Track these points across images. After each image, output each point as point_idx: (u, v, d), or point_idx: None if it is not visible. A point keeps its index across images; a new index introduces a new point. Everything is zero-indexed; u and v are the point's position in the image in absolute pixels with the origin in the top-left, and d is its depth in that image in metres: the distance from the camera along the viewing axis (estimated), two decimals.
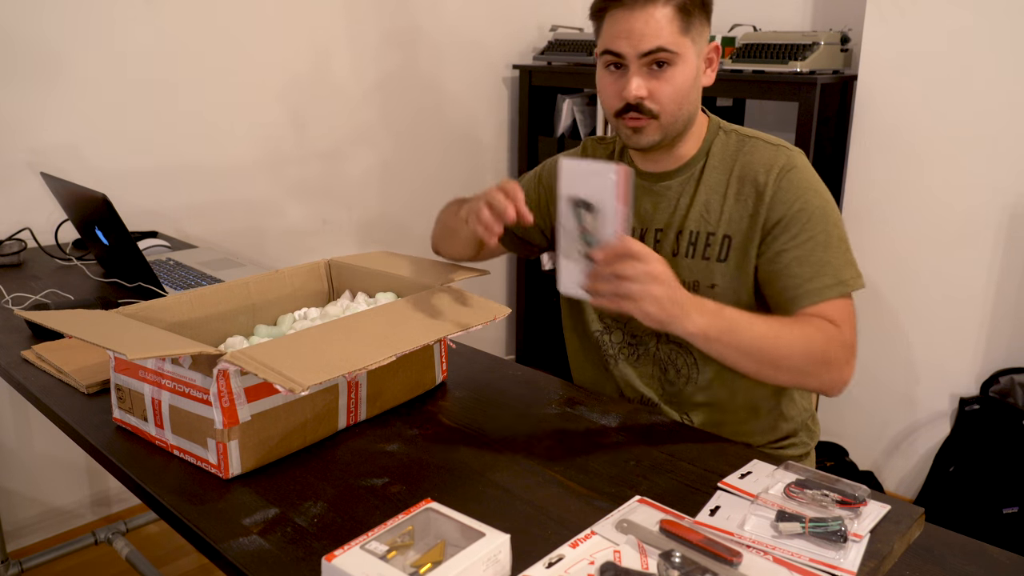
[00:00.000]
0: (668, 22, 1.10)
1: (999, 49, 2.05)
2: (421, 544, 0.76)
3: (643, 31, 1.10)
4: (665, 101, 1.13)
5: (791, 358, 1.05)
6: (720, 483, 0.92)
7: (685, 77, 1.13)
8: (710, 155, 1.21)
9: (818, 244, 1.13)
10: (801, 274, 1.12)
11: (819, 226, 1.13)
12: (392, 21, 2.63)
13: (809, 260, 1.13)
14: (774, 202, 1.15)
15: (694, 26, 1.13)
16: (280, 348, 0.92)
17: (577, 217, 0.96)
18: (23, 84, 1.94)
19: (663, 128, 1.16)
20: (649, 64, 1.12)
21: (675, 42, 1.11)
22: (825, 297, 1.11)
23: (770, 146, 1.19)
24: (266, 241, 2.46)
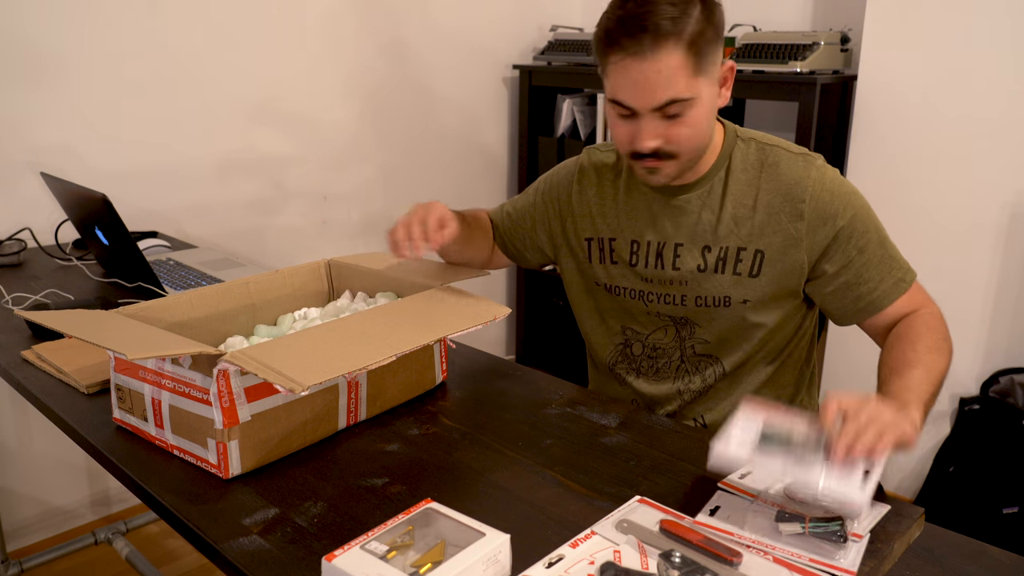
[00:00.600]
0: (679, 69, 1.01)
1: (999, 49, 2.05)
2: (421, 544, 0.76)
3: (654, 83, 1.02)
4: (683, 142, 1.08)
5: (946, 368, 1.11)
6: (720, 483, 0.92)
7: (701, 116, 1.07)
8: (731, 166, 1.17)
9: (875, 243, 1.15)
10: (872, 278, 1.15)
11: (869, 224, 1.15)
12: (392, 21, 2.63)
13: (872, 263, 1.15)
14: (820, 220, 1.13)
15: (707, 60, 1.04)
16: (280, 348, 0.92)
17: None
18: (23, 84, 1.94)
19: (681, 165, 1.11)
20: (662, 116, 1.06)
21: (689, 88, 1.03)
22: (901, 291, 1.16)
23: (795, 156, 1.16)
24: (266, 241, 2.46)
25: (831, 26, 2.52)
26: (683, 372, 1.26)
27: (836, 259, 1.15)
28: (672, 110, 1.04)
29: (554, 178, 1.34)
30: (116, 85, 2.08)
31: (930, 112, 2.18)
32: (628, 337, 1.29)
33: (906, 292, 1.16)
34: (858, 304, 1.17)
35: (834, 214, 1.13)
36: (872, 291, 1.15)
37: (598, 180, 1.27)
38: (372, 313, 1.06)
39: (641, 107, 1.05)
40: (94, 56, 2.03)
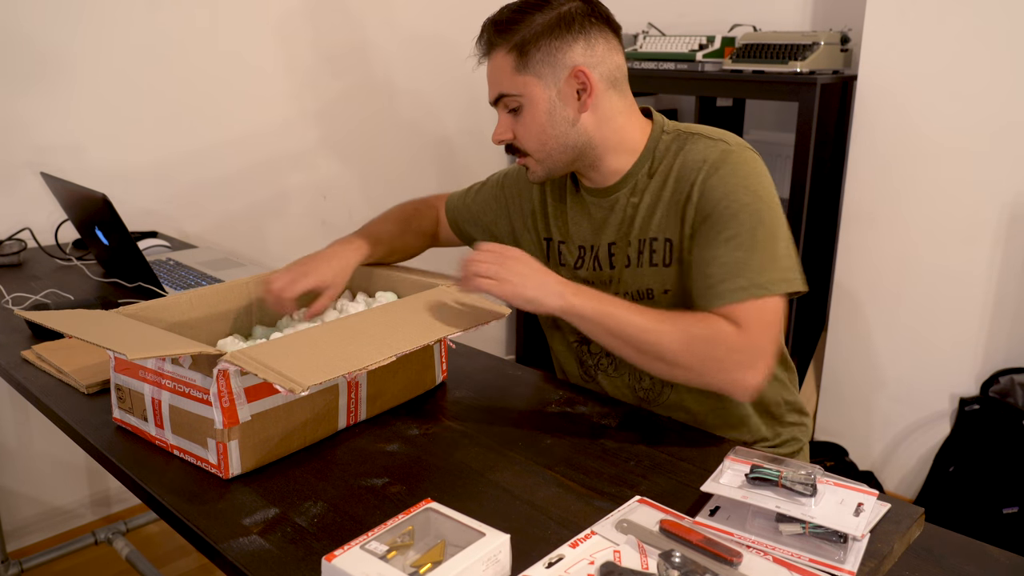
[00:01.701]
0: (504, 67, 1.13)
1: (999, 49, 2.05)
2: (421, 544, 0.76)
3: (490, 81, 1.17)
4: (524, 140, 1.16)
5: (669, 351, 1.03)
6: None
7: (536, 114, 1.13)
8: (654, 159, 1.18)
9: (739, 244, 1.07)
10: (714, 275, 1.07)
11: (744, 224, 1.07)
12: (392, 21, 2.63)
13: (725, 260, 1.07)
14: (701, 200, 1.10)
15: (535, 61, 1.11)
16: (280, 348, 0.92)
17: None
18: (23, 84, 1.94)
19: (541, 163, 1.18)
20: (505, 110, 1.17)
21: (512, 85, 1.13)
22: (734, 299, 1.05)
23: (709, 141, 1.13)
24: (266, 241, 2.46)
25: (831, 26, 2.52)
26: (634, 368, 1.24)
27: (696, 243, 1.11)
28: (507, 104, 1.15)
29: (518, 173, 1.36)
30: (116, 85, 2.08)
31: (930, 112, 2.18)
32: (581, 336, 1.28)
33: (738, 303, 1.05)
34: (698, 295, 1.10)
35: (714, 198, 1.09)
36: (709, 288, 1.08)
37: (552, 184, 1.30)
38: (372, 313, 1.06)
39: (490, 103, 1.19)
40: (94, 56, 2.03)
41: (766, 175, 1.12)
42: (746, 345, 1.03)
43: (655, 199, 1.16)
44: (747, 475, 0.86)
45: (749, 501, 0.83)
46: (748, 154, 1.12)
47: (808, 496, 0.82)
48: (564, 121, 1.14)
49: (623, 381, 1.26)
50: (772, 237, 1.08)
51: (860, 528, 0.79)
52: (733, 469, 0.89)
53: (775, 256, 1.07)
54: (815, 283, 2.52)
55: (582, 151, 1.16)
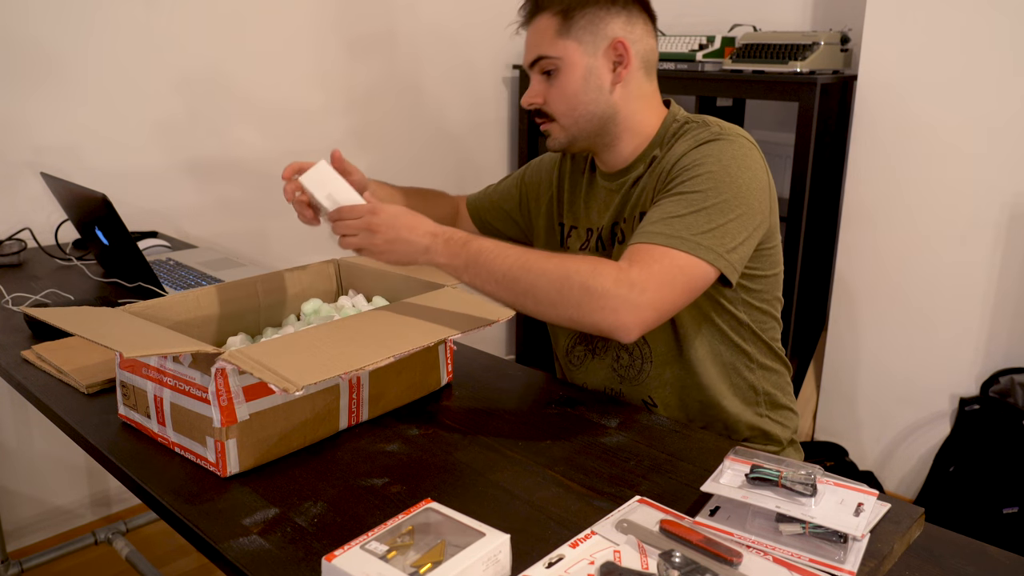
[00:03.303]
0: (546, 30, 1.16)
1: (999, 49, 2.05)
2: (421, 544, 0.76)
3: (529, 44, 1.20)
4: (554, 104, 1.19)
5: (545, 288, 1.00)
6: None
7: (571, 79, 1.16)
8: (663, 147, 1.20)
9: (686, 202, 1.05)
10: (649, 220, 1.06)
11: (700, 187, 1.06)
12: (392, 21, 2.63)
13: (664, 210, 1.05)
14: (675, 165, 1.12)
15: (578, 27, 1.15)
16: (278, 348, 0.92)
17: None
18: (23, 84, 1.94)
19: (564, 129, 1.20)
20: (541, 73, 1.19)
21: (553, 47, 1.16)
22: (649, 241, 1.02)
23: (707, 127, 1.16)
24: (267, 241, 2.46)
25: (831, 26, 2.52)
26: (612, 347, 1.26)
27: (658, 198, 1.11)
28: (543, 67, 1.18)
29: (540, 163, 1.43)
30: (116, 85, 2.08)
31: (930, 112, 2.18)
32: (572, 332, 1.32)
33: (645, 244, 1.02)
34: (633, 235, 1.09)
35: (684, 162, 1.10)
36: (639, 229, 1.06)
37: (572, 172, 1.35)
38: (373, 314, 1.06)
39: (526, 67, 1.22)
40: (94, 56, 2.03)
41: (754, 166, 1.10)
42: (629, 279, 0.99)
43: (655, 180, 1.18)
44: (747, 475, 0.86)
45: (749, 501, 0.83)
46: (741, 141, 1.12)
47: (808, 496, 0.82)
48: (597, 89, 1.17)
49: (605, 362, 1.28)
50: (721, 211, 1.04)
51: (860, 528, 0.79)
52: (733, 469, 0.88)
53: (712, 226, 1.04)
54: (815, 283, 2.52)
55: (606, 124, 1.19)
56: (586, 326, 1.02)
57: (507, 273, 1.03)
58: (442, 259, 1.06)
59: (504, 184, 1.48)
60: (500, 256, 1.04)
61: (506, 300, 1.06)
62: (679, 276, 1.02)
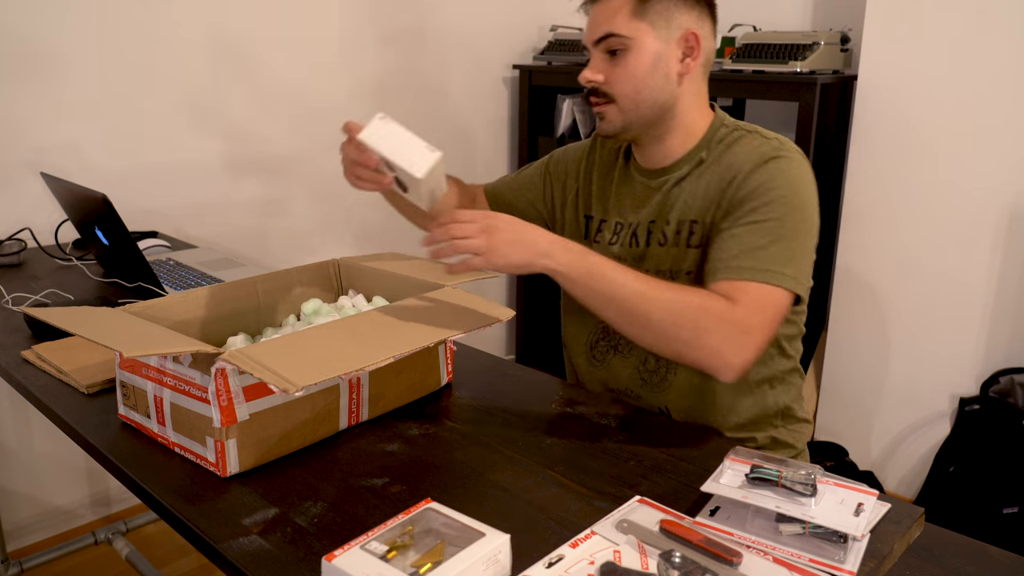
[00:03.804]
0: (619, 8, 1.14)
1: (999, 49, 2.05)
2: (421, 544, 0.75)
3: (598, 20, 1.16)
4: (617, 84, 1.16)
5: (658, 319, 1.02)
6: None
7: (640, 61, 1.14)
8: (709, 150, 1.20)
9: (763, 230, 1.07)
10: (730, 249, 1.08)
11: (774, 213, 1.08)
12: (392, 21, 2.63)
13: (745, 240, 1.08)
14: (742, 184, 1.12)
15: (653, 11, 1.13)
16: (278, 348, 0.92)
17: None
18: (23, 84, 1.94)
19: (623, 113, 1.17)
20: (605, 52, 1.16)
21: (626, 27, 1.13)
22: (740, 276, 1.05)
23: (765, 139, 1.17)
24: (267, 241, 2.46)
25: (831, 26, 2.52)
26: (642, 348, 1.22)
27: (723, 222, 1.12)
28: (610, 45, 1.15)
29: (565, 153, 1.40)
30: (116, 85, 2.08)
31: (930, 112, 2.18)
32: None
33: (742, 281, 1.05)
34: (707, 267, 1.11)
35: (755, 184, 1.10)
36: (719, 260, 1.08)
37: (601, 163, 1.33)
38: (373, 314, 1.06)
39: (588, 41, 1.18)
40: (94, 56, 2.03)
41: (811, 184, 1.13)
42: (736, 320, 1.02)
43: (703, 185, 1.18)
44: (747, 475, 0.86)
45: (749, 501, 0.83)
46: (799, 158, 1.14)
47: (808, 496, 0.82)
48: (664, 77, 1.16)
49: (631, 362, 1.26)
50: (795, 235, 1.09)
51: (860, 528, 0.79)
52: (733, 469, 0.88)
53: (792, 254, 1.08)
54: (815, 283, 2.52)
55: (663, 115, 1.18)
56: (688, 360, 1.06)
57: (624, 297, 1.02)
58: (559, 265, 1.03)
59: (526, 173, 1.45)
60: (619, 276, 1.03)
61: (614, 320, 1.05)
62: (774, 312, 1.07)
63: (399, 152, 1.03)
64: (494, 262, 1.02)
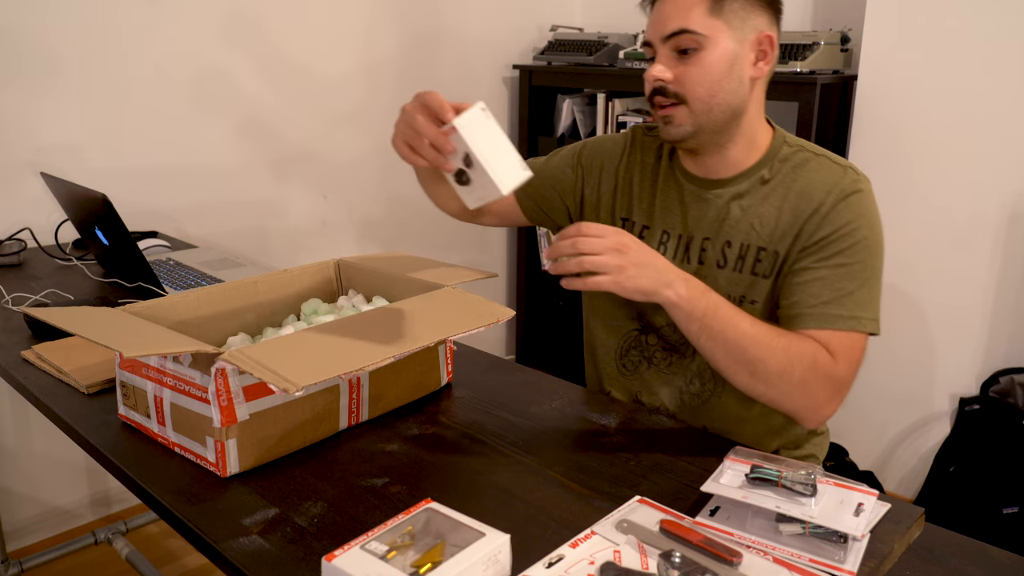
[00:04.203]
0: (695, 3, 1.07)
1: (999, 49, 2.05)
2: (421, 544, 0.76)
3: (670, 14, 1.08)
4: (691, 84, 1.08)
5: (767, 367, 1.02)
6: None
7: (715, 61, 1.07)
8: (770, 168, 1.15)
9: (850, 274, 1.07)
10: (819, 294, 1.07)
11: (859, 256, 1.08)
12: (392, 21, 2.63)
13: (834, 284, 1.07)
14: (825, 221, 1.09)
15: (730, 10, 1.07)
16: (278, 348, 0.92)
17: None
18: (24, 84, 1.94)
19: (694, 116, 1.10)
20: (675, 49, 1.08)
21: (701, 24, 1.06)
22: (833, 326, 1.06)
23: (837, 166, 1.13)
24: (267, 241, 2.46)
25: (831, 26, 2.52)
26: (690, 371, 1.21)
27: (805, 260, 1.10)
28: (683, 42, 1.07)
29: (599, 146, 1.31)
30: (116, 85, 2.08)
31: (930, 112, 2.18)
32: (645, 324, 1.25)
33: (836, 331, 1.06)
34: (792, 310, 1.09)
35: (838, 221, 1.08)
36: (809, 305, 1.07)
37: (642, 163, 1.26)
38: (373, 314, 1.06)
39: (656, 36, 1.10)
40: (94, 56, 2.03)
41: (878, 212, 1.13)
42: (837, 376, 1.05)
43: (775, 210, 1.13)
44: (747, 475, 0.86)
45: (749, 501, 0.83)
46: (870, 189, 1.12)
47: (808, 496, 0.82)
48: (739, 80, 1.10)
49: (673, 382, 1.23)
50: (876, 277, 1.09)
51: (860, 528, 0.79)
52: (733, 469, 0.88)
53: (873, 296, 1.09)
54: None
55: (733, 121, 1.12)
56: (781, 406, 1.06)
57: (738, 339, 1.01)
58: (681, 298, 0.99)
59: (555, 162, 1.34)
60: (735, 317, 1.01)
61: (721, 360, 1.04)
62: (861, 359, 1.09)
63: (492, 157, 0.90)
64: (623, 284, 0.98)
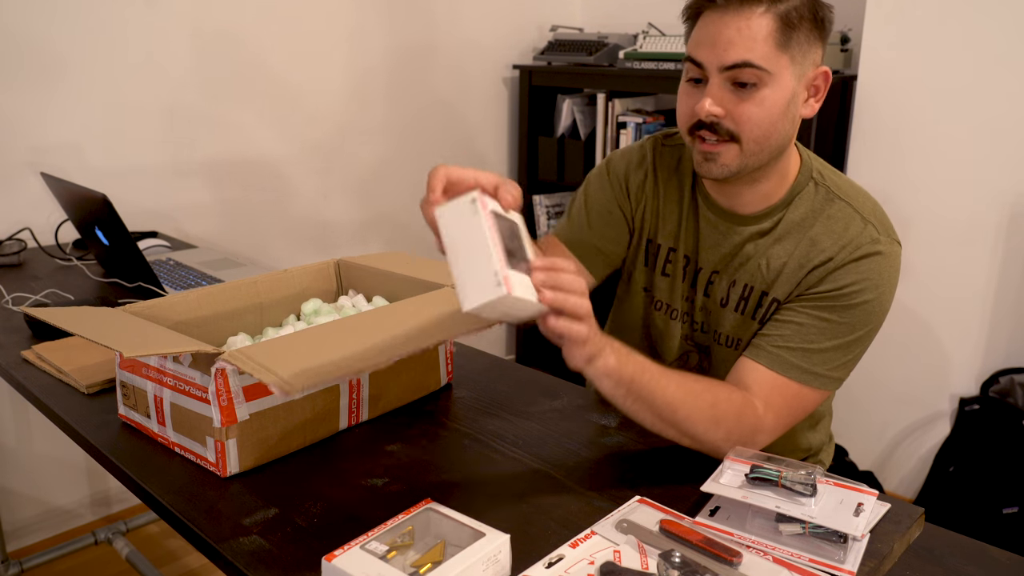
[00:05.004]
0: (764, 34, 0.94)
1: (999, 49, 2.05)
2: (421, 544, 0.76)
3: (731, 40, 0.95)
4: (748, 124, 0.97)
5: (694, 424, 0.94)
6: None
7: (776, 101, 0.97)
8: (791, 207, 1.06)
9: (831, 331, 1.01)
10: (788, 337, 1.01)
11: (850, 318, 1.01)
12: (392, 21, 2.63)
13: (808, 335, 1.01)
14: (829, 277, 1.02)
15: (796, 43, 0.96)
16: (278, 348, 0.92)
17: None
18: (24, 84, 1.94)
19: (743, 157, 1.00)
20: (732, 80, 0.97)
21: (767, 58, 0.95)
22: (785, 373, 1.00)
23: (858, 218, 1.04)
24: (266, 241, 2.46)
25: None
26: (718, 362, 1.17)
27: (795, 302, 1.04)
28: (744, 76, 0.95)
29: (623, 164, 1.21)
30: (116, 85, 2.08)
31: (930, 112, 2.18)
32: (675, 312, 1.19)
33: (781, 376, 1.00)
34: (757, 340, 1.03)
35: (844, 280, 1.01)
36: (769, 342, 1.01)
37: (666, 183, 1.17)
38: (373, 314, 1.06)
39: (712, 63, 0.96)
40: (94, 56, 2.03)
41: (896, 281, 1.05)
42: (762, 429, 0.99)
43: (784, 254, 1.06)
44: (747, 475, 0.86)
45: (749, 501, 0.83)
46: (894, 251, 1.05)
47: (808, 496, 0.82)
48: (792, 120, 1.01)
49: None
50: (861, 340, 1.03)
51: (860, 528, 0.79)
52: (733, 469, 0.89)
53: (849, 357, 1.03)
54: None
55: (778, 156, 1.03)
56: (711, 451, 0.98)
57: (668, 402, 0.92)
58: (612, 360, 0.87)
59: (595, 207, 1.21)
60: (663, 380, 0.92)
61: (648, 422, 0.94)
62: (803, 412, 1.03)
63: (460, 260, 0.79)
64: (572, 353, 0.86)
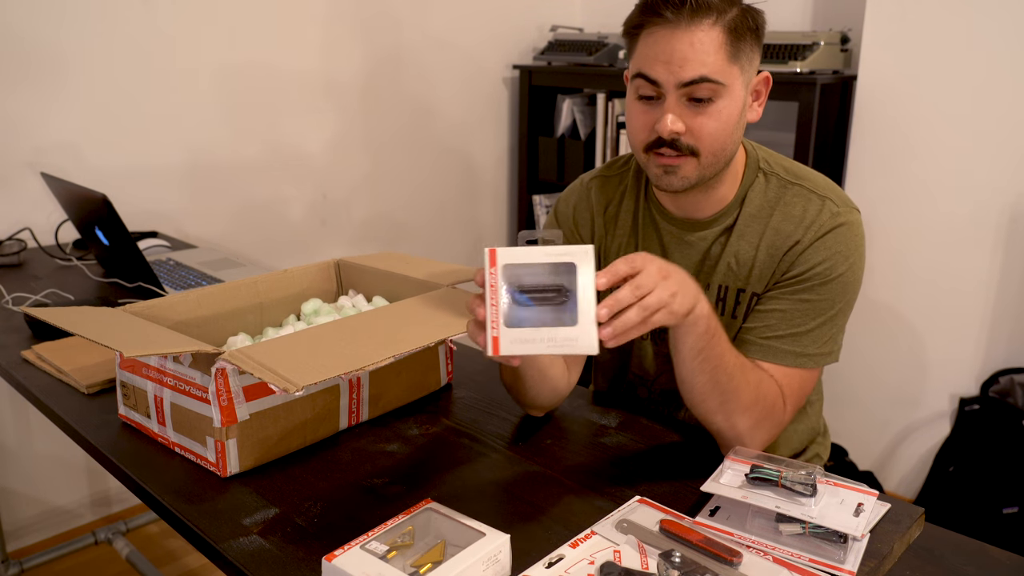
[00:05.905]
0: (716, 47, 0.95)
1: (999, 49, 2.05)
2: (421, 544, 0.76)
3: (686, 55, 0.95)
4: (707, 139, 0.98)
5: (738, 399, 0.96)
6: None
7: (731, 112, 0.98)
8: (746, 202, 1.08)
9: (813, 310, 1.03)
10: (775, 327, 1.03)
11: (827, 294, 1.03)
12: (392, 20, 2.63)
13: (793, 320, 1.03)
14: (800, 259, 1.03)
15: (743, 52, 0.98)
16: (278, 348, 0.92)
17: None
18: (24, 84, 1.94)
19: (701, 169, 1.01)
20: (688, 96, 0.97)
21: (722, 71, 0.96)
22: (782, 361, 1.03)
23: (815, 196, 1.05)
24: (266, 241, 2.46)
25: (831, 26, 2.51)
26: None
27: (774, 291, 1.05)
28: (701, 92, 0.96)
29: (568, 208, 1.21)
30: (116, 85, 2.08)
31: (930, 112, 2.18)
32: (633, 381, 1.21)
33: (784, 367, 1.03)
34: (743, 334, 1.05)
35: (813, 260, 1.03)
36: (762, 335, 1.03)
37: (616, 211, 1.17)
38: (373, 314, 1.06)
39: (669, 80, 0.96)
40: (94, 56, 2.03)
41: (863, 241, 1.07)
42: (781, 421, 1.03)
43: (746, 246, 1.08)
44: (747, 475, 0.86)
45: (749, 501, 0.83)
46: (855, 219, 1.06)
47: (808, 496, 0.82)
48: (741, 128, 1.02)
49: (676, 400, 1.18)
50: (842, 311, 1.06)
51: (860, 528, 0.79)
52: (733, 469, 0.89)
53: (835, 331, 1.06)
54: None
55: (728, 164, 1.05)
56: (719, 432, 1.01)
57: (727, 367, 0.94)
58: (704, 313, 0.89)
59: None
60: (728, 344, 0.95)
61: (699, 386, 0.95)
62: (807, 391, 1.07)
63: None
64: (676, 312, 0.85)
